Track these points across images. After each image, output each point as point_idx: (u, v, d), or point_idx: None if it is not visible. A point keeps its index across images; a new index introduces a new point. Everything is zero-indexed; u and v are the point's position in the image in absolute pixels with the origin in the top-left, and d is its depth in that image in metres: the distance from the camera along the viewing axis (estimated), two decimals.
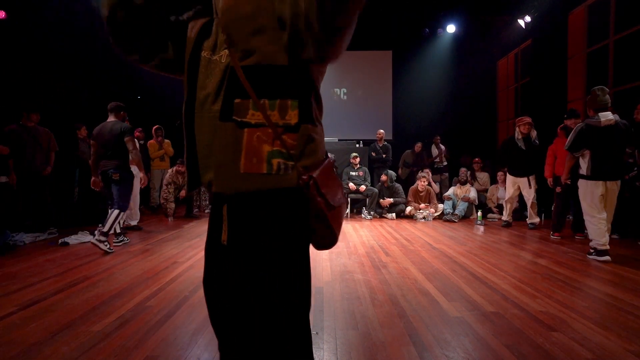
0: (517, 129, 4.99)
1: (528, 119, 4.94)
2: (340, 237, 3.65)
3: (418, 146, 7.49)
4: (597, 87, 3.31)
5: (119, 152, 3.66)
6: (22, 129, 4.44)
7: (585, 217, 3.41)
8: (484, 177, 6.69)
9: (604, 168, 3.25)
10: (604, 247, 3.24)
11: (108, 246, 3.50)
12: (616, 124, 3.23)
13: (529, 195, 4.96)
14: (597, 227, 3.25)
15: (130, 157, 3.74)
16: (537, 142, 4.91)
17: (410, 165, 7.48)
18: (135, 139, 4.12)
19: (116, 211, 3.59)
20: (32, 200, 4.49)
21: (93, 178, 3.69)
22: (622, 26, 5.58)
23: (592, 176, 3.30)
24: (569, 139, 3.48)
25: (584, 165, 3.37)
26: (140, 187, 4.27)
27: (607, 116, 3.22)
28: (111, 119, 3.74)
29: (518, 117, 5.19)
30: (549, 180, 4.57)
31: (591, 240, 3.35)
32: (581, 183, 3.41)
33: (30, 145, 4.47)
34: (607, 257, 3.22)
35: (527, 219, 5.14)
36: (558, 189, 4.42)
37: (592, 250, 3.34)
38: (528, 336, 1.79)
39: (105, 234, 3.48)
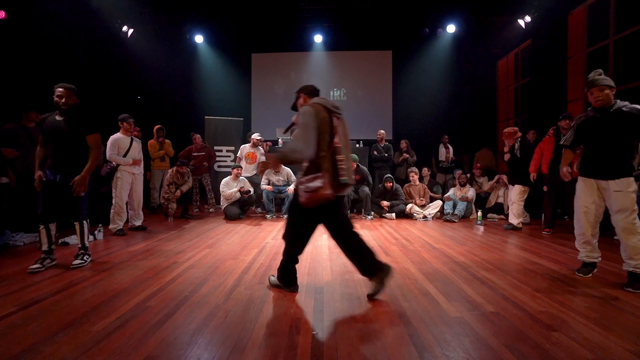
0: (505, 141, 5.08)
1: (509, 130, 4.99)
2: None
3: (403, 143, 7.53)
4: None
5: None
6: (20, 129, 4.44)
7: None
8: (484, 180, 6.71)
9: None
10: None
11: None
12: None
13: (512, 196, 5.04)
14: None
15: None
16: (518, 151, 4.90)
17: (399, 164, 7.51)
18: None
19: None
20: (29, 200, 4.48)
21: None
22: (622, 26, 5.57)
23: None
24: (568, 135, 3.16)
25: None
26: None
27: None
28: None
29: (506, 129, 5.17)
30: (532, 175, 4.69)
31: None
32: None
33: (26, 146, 4.46)
34: None
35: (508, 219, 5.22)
36: (545, 188, 4.69)
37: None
38: (528, 336, 1.79)
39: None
